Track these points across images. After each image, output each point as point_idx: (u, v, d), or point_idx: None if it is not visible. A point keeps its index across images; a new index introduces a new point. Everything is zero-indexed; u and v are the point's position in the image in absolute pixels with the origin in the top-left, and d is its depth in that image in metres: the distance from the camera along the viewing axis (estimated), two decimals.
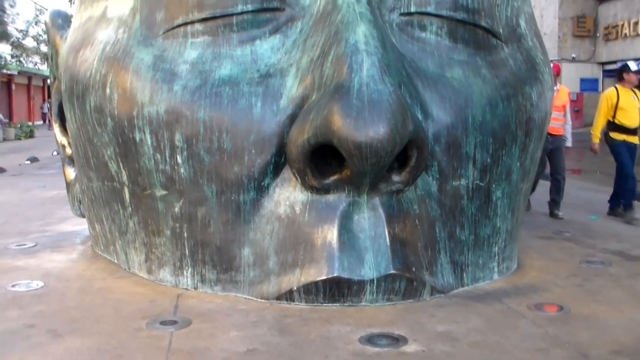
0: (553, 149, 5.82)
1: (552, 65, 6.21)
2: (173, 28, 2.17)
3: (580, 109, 18.16)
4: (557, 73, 6.10)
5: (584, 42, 19.52)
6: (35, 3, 34.56)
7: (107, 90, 2.37)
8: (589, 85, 19.10)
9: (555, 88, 5.89)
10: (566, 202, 5.79)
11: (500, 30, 2.31)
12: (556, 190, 5.77)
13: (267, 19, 2.06)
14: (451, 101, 2.19)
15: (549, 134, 5.69)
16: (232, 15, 2.06)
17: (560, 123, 5.91)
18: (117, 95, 2.34)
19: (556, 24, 19.39)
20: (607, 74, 18.89)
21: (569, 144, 6.16)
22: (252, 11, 1.95)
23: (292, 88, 2.10)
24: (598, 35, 19.48)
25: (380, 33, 1.79)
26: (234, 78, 2.14)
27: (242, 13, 1.94)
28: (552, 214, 5.64)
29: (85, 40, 2.50)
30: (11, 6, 25.65)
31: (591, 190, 7.27)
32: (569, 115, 6.10)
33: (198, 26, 2.08)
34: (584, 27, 19.45)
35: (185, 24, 2.11)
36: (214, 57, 2.17)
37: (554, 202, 5.75)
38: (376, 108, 1.65)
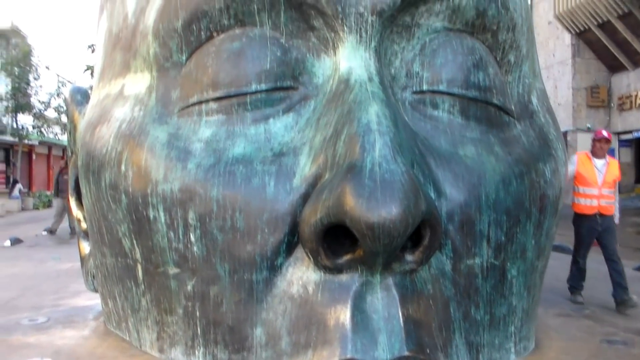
0: (603, 230, 5.52)
1: (603, 134, 5.92)
2: (188, 106, 2.18)
3: None
4: (608, 141, 5.77)
5: (599, 112, 19.61)
6: (58, 75, 35.44)
7: (122, 167, 2.38)
8: None
9: (604, 161, 5.82)
10: (585, 276, 5.66)
11: (513, 108, 2.30)
12: (617, 274, 5.30)
13: (281, 98, 2.07)
14: (464, 179, 2.17)
15: (600, 214, 5.56)
16: (246, 94, 2.07)
17: (612, 201, 5.63)
18: (132, 172, 2.35)
19: (570, 95, 19.51)
20: (623, 143, 18.89)
21: (616, 220, 5.81)
22: (266, 90, 1.96)
23: (305, 167, 2.08)
24: (612, 105, 19.57)
25: (392, 112, 1.82)
26: (247, 156, 2.13)
27: (256, 92, 1.95)
28: (621, 302, 5.10)
29: (102, 117, 2.54)
30: (35, 79, 26.30)
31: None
32: (617, 191, 5.79)
33: (212, 105, 2.09)
34: (598, 97, 19.57)
35: (200, 102, 2.12)
36: (228, 135, 2.17)
37: (620, 285, 5.22)
38: (388, 188, 1.68)
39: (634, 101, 18.53)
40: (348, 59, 1.41)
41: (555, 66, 20.21)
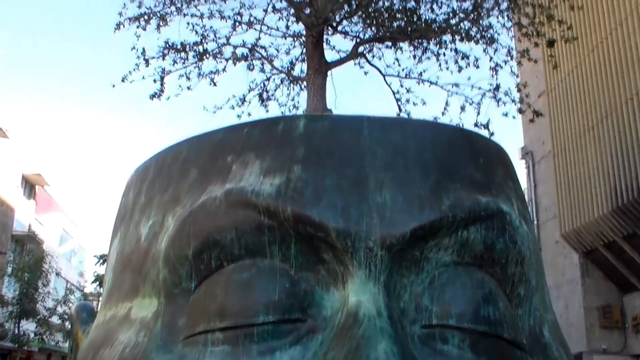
0: None
1: None
2: (194, 335, 2.09)
3: None
4: None
5: (613, 334, 19.15)
6: (67, 281, 35.57)
7: None
8: None
9: None
10: None
11: (524, 341, 2.20)
12: None
13: (288, 330, 1.97)
14: None
15: None
16: (253, 325, 1.97)
17: None
18: None
19: (582, 314, 19.20)
20: None
21: None
22: (274, 322, 1.87)
23: None
24: (627, 325, 19.17)
25: (401, 349, 1.76)
26: None
27: (263, 324, 1.86)
28: None
29: (106, 339, 2.45)
30: (44, 285, 26.37)
31: None
32: None
33: (219, 335, 1.99)
34: (611, 318, 19.20)
35: (207, 331, 2.02)
36: None
37: None
38: None
39: None
40: (357, 293, 1.35)
41: (565, 285, 20.11)
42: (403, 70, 11.09)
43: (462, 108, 10.93)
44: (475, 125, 10.93)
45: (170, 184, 1.23)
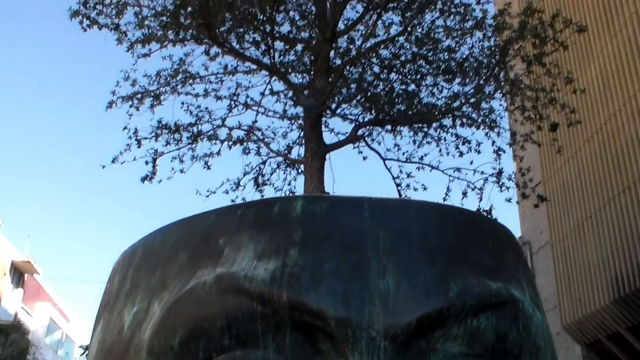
0: None
1: None
2: None
3: None
4: None
5: None
6: None
7: None
8: None
9: None
10: None
11: None
12: None
13: None
14: None
15: None
16: None
17: None
18: None
19: None
20: None
21: None
22: None
23: None
24: None
25: None
26: None
27: None
28: None
29: None
30: None
31: None
32: None
33: None
34: None
35: None
36: None
37: None
38: None
39: None
40: None
41: None
42: (403, 154, 10.88)
43: (464, 194, 10.66)
44: (478, 211, 10.61)
45: (158, 268, 1.16)
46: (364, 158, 11.15)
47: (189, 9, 8.63)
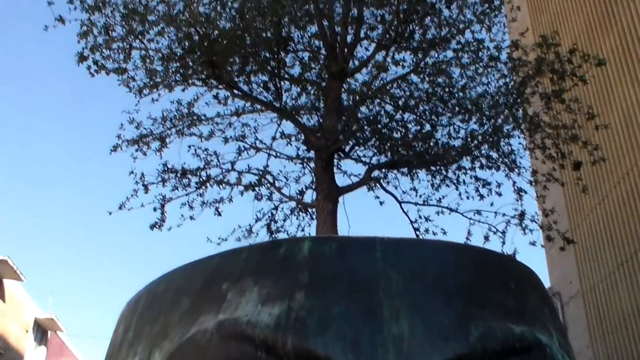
0: None
1: None
2: None
3: None
4: None
5: None
6: None
7: None
8: None
9: None
10: None
11: None
12: None
13: None
14: None
15: None
16: None
17: None
18: None
19: None
20: None
21: None
22: None
23: None
24: None
25: None
26: None
27: None
28: None
29: None
30: None
31: None
32: None
33: None
34: None
35: None
36: None
37: None
38: None
39: None
40: None
41: None
42: (420, 197, 10.49)
43: (486, 237, 10.19)
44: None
45: (160, 315, 1.07)
46: (381, 203, 10.81)
47: (197, 51, 8.51)
